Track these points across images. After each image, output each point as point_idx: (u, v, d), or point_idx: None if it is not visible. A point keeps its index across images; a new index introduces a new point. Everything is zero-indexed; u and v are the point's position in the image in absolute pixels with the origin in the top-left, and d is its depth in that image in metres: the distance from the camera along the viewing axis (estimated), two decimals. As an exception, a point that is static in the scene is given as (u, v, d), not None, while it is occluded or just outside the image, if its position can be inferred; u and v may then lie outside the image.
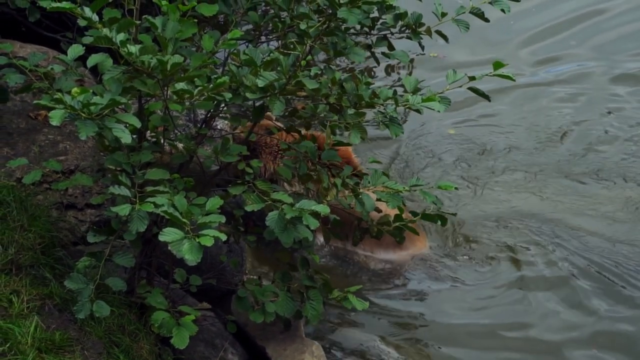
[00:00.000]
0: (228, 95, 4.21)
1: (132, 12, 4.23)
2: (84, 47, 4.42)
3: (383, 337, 5.76)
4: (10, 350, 4.00)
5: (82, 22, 4.00)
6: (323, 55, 6.25)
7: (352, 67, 8.31)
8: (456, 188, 4.85)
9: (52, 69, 4.52)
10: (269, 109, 4.32)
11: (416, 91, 4.46)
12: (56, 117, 3.67)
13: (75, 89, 3.81)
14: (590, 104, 8.19)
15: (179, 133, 4.81)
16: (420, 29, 5.24)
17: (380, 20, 5.28)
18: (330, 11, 4.42)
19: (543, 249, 6.47)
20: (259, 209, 4.31)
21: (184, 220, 3.75)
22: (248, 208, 4.33)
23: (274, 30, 5.06)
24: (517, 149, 7.60)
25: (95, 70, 4.38)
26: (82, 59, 4.42)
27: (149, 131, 4.50)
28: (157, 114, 4.45)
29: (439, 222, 4.89)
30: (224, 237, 3.71)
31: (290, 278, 5.06)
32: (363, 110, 4.53)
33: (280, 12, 5.00)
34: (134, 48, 3.93)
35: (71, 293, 4.31)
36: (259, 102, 4.50)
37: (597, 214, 6.85)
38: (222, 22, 5.20)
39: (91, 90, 3.87)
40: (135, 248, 4.55)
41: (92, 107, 3.74)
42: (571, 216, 6.82)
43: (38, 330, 4.16)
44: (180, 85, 4.00)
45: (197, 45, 4.51)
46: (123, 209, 3.91)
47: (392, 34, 5.31)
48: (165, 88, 4.12)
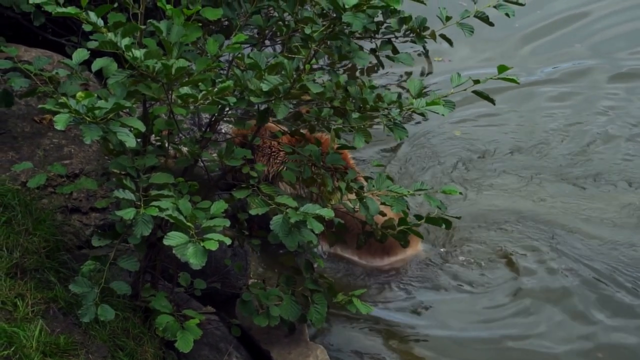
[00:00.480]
0: (232, 99, 4.21)
1: (137, 16, 4.22)
2: (89, 52, 4.42)
3: (387, 342, 5.74)
4: (15, 354, 4.01)
5: (87, 27, 4.02)
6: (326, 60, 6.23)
7: (351, 66, 8.27)
8: (461, 193, 4.82)
9: (57, 73, 4.52)
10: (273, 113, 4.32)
11: (420, 94, 4.46)
12: (61, 121, 3.69)
13: (80, 93, 3.82)
14: (588, 103, 8.14)
15: (184, 137, 4.82)
16: (424, 33, 5.24)
17: (385, 24, 5.29)
18: (335, 15, 4.42)
19: (542, 255, 6.39)
20: (264, 212, 4.31)
21: (189, 224, 3.76)
22: (252, 212, 4.33)
23: (278, 34, 5.07)
24: (517, 151, 7.56)
25: (100, 75, 4.38)
26: (87, 63, 4.42)
27: (153, 135, 4.50)
28: (162, 118, 4.45)
29: (444, 226, 4.89)
30: (228, 241, 3.71)
31: (295, 282, 5.06)
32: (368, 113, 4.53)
33: (285, 15, 5.01)
34: (138, 52, 3.93)
35: (76, 297, 4.32)
36: (264, 106, 4.50)
37: (598, 219, 6.78)
38: (226, 26, 5.20)
39: (96, 95, 3.88)
40: (139, 252, 4.56)
41: (96, 111, 3.75)
42: (572, 220, 6.76)
43: (43, 334, 4.17)
44: (185, 89, 3.99)
45: (202, 49, 4.51)
46: (127, 213, 3.91)
47: (396, 37, 5.32)
48: (170, 92, 4.12)
